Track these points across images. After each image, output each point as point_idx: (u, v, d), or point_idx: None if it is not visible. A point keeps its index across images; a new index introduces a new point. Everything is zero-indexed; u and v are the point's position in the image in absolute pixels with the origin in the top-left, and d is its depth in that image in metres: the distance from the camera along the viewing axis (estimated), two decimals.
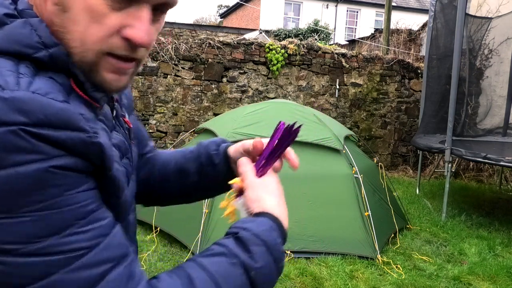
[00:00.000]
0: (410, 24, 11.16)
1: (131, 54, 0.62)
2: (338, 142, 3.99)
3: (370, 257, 3.55)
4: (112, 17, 0.59)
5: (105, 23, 0.59)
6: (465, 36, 5.73)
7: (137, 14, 0.60)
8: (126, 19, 0.60)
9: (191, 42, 6.65)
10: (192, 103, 6.69)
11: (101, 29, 0.59)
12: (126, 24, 0.60)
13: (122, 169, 0.70)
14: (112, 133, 0.72)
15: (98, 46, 0.60)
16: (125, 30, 0.60)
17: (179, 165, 0.95)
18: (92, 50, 0.60)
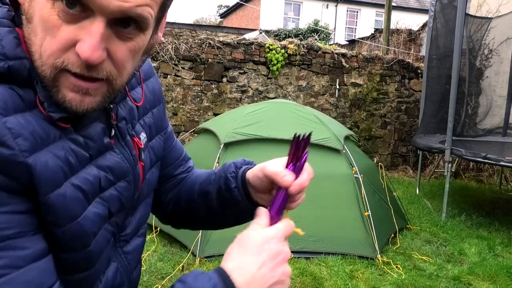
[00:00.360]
0: (410, 24, 11.16)
1: (87, 72, 0.57)
2: (338, 142, 3.99)
3: (370, 257, 3.55)
4: (65, 30, 0.55)
5: (57, 36, 0.55)
6: (465, 36, 5.73)
7: (88, 27, 0.55)
8: (78, 32, 0.55)
9: (191, 42, 6.66)
10: (192, 103, 6.69)
11: (54, 42, 0.55)
12: (78, 38, 0.55)
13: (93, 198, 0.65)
14: (105, 154, 0.68)
15: (52, 60, 0.56)
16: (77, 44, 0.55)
17: (203, 186, 0.90)
18: (48, 65, 0.56)
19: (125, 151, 0.73)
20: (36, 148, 0.56)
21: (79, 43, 0.55)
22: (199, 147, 4.40)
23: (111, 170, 0.68)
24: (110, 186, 0.68)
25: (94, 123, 0.67)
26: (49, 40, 0.55)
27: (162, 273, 3.20)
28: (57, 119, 0.59)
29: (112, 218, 0.70)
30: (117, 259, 0.75)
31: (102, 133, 0.68)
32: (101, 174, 0.66)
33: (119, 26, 0.57)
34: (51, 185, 0.57)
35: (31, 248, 0.54)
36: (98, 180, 0.65)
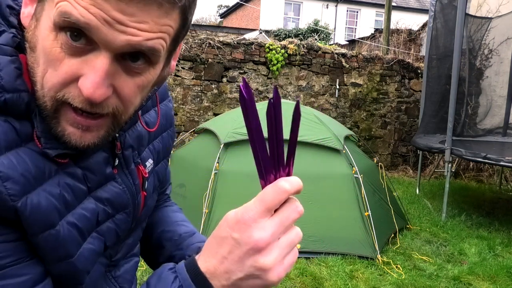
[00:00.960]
0: (410, 24, 11.16)
1: (90, 108, 0.53)
2: (338, 142, 3.99)
3: (370, 257, 3.55)
4: (68, 63, 0.51)
5: (59, 69, 0.52)
6: (465, 36, 5.73)
7: (92, 63, 0.51)
8: (82, 66, 0.51)
9: (191, 42, 6.66)
10: (192, 103, 6.69)
11: (56, 75, 0.52)
12: (81, 72, 0.51)
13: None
14: (106, 185, 0.64)
15: (52, 93, 0.53)
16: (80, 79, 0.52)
17: (161, 238, 0.88)
18: (49, 97, 0.53)
19: (128, 180, 0.69)
20: (28, 189, 0.53)
21: (82, 79, 0.51)
22: (199, 147, 4.40)
23: (110, 202, 0.65)
24: (107, 219, 0.65)
25: (98, 153, 0.63)
26: (51, 72, 0.52)
27: None
28: (54, 155, 0.56)
29: (107, 251, 0.67)
30: (108, 285, 0.72)
31: (104, 163, 0.64)
32: (99, 207, 0.63)
33: (127, 60, 0.53)
34: (42, 226, 0.55)
35: (29, 274, 0.54)
36: (96, 215, 0.62)
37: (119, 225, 0.67)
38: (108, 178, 0.65)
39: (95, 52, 0.51)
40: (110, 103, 0.54)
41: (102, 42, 0.50)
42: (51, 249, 0.56)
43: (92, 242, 0.62)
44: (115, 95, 0.54)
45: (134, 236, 0.79)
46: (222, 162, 3.75)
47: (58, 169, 0.57)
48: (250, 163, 3.26)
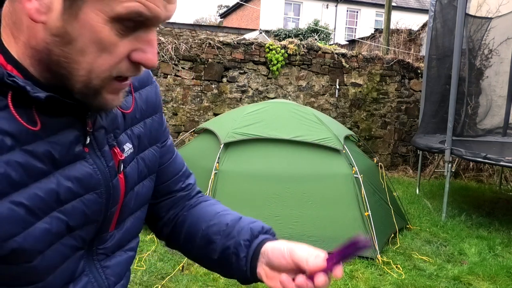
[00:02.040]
0: (410, 24, 11.16)
1: (136, 74, 0.63)
2: (338, 142, 3.99)
3: (370, 257, 3.55)
4: (122, 44, 0.58)
5: (115, 52, 0.58)
6: (465, 36, 5.73)
7: (146, 38, 0.60)
8: (136, 43, 0.60)
9: (191, 42, 6.66)
10: (192, 103, 6.69)
11: (111, 57, 0.59)
12: (136, 48, 0.60)
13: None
14: (75, 164, 0.65)
15: (107, 73, 0.59)
16: (135, 54, 0.60)
17: (210, 232, 0.85)
18: (100, 77, 0.59)
19: (100, 161, 0.69)
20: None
21: (140, 53, 0.60)
22: (199, 147, 4.40)
23: (79, 181, 0.65)
24: (74, 199, 0.65)
25: (67, 130, 0.64)
26: (106, 56, 0.58)
27: (162, 273, 3.20)
28: (45, 99, 0.57)
29: (74, 231, 0.66)
30: (92, 273, 0.72)
31: (75, 141, 0.65)
32: (63, 186, 0.63)
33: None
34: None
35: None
36: (55, 194, 0.62)
37: (88, 206, 0.67)
38: (78, 156, 0.65)
39: (143, 29, 0.59)
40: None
41: (156, 23, 0.60)
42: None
43: (49, 222, 0.61)
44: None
45: (128, 225, 0.78)
46: (222, 162, 3.75)
47: (14, 145, 0.57)
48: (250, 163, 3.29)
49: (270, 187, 3.67)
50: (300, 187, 3.72)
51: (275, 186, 3.68)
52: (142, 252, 3.54)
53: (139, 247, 3.61)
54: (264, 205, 3.63)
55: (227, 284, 3.07)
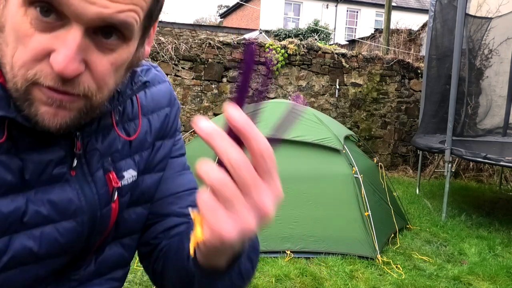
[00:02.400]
0: (410, 24, 11.17)
1: (61, 86, 0.51)
2: (338, 142, 3.99)
3: (370, 257, 3.55)
4: (38, 39, 0.50)
5: (29, 45, 0.50)
6: (465, 36, 5.73)
7: (63, 37, 0.50)
8: (53, 42, 0.50)
9: (191, 42, 6.66)
10: (192, 103, 6.70)
11: (26, 52, 0.50)
12: (52, 48, 0.50)
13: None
14: (53, 186, 0.59)
15: (23, 71, 0.51)
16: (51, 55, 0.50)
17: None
18: (19, 76, 0.51)
19: (89, 187, 0.62)
20: None
21: (53, 54, 0.50)
22: (199, 147, 4.39)
23: (54, 205, 0.59)
24: (44, 224, 0.58)
25: (47, 149, 0.58)
26: (21, 49, 0.50)
27: None
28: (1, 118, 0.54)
29: (43, 260, 0.60)
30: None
31: (57, 162, 0.59)
32: (31, 208, 0.57)
33: (99, 36, 0.52)
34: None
35: None
36: (20, 214, 0.56)
37: (62, 234, 0.60)
38: (58, 178, 0.59)
39: (66, 27, 0.50)
40: (82, 81, 0.52)
41: (73, 15, 0.48)
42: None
43: (7, 243, 0.56)
44: (87, 73, 0.52)
45: (110, 253, 0.70)
46: None
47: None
48: None
49: None
50: (300, 187, 3.72)
51: None
52: None
53: None
54: None
55: None
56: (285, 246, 3.54)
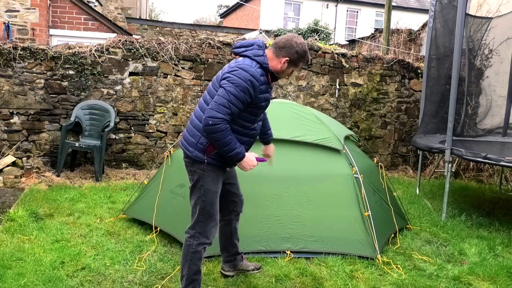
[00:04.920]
0: (410, 24, 11.17)
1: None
2: (338, 142, 3.99)
3: (370, 257, 3.55)
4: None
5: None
6: (465, 36, 5.73)
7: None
8: None
9: (191, 42, 6.65)
10: (192, 103, 6.69)
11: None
12: None
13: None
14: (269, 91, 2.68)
15: (283, 75, 2.79)
16: None
17: (265, 127, 3.00)
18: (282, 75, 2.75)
19: (270, 94, 2.68)
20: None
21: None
22: None
23: (267, 97, 2.69)
24: (267, 100, 2.72)
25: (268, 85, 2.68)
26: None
27: (162, 273, 3.20)
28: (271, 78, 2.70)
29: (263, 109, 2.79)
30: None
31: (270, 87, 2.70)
32: (268, 96, 2.68)
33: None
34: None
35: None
36: (268, 98, 2.66)
37: (267, 101, 2.76)
38: (269, 90, 2.70)
39: None
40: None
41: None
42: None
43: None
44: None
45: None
46: None
47: (266, 83, 2.67)
48: None
49: (270, 187, 3.67)
50: (300, 187, 3.72)
51: (275, 186, 3.68)
52: (142, 252, 3.54)
53: (139, 247, 3.61)
54: (264, 205, 3.63)
55: (226, 284, 3.07)
56: (285, 246, 3.54)
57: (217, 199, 2.69)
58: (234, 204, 3.00)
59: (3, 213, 4.23)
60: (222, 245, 3.14)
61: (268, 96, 2.62)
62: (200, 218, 2.66)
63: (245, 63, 2.51)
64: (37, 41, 8.92)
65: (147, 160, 6.61)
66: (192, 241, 2.67)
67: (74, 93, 6.20)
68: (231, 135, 2.46)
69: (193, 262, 2.65)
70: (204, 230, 2.67)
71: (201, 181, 2.63)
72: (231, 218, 3.02)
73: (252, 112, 2.58)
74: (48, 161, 6.17)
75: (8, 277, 2.96)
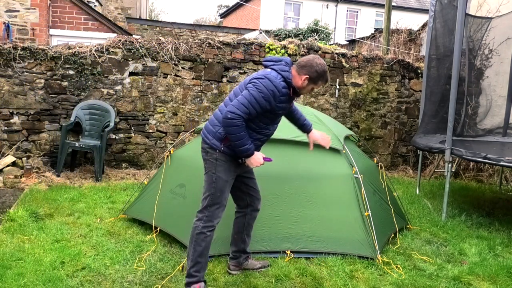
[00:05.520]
0: (410, 24, 11.16)
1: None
2: (338, 142, 3.99)
3: (370, 257, 3.55)
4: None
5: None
6: (465, 36, 5.73)
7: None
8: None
9: (191, 42, 6.65)
10: (192, 103, 6.69)
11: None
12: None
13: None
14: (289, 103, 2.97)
15: (305, 92, 3.02)
16: None
17: (299, 120, 3.25)
18: (305, 92, 3.00)
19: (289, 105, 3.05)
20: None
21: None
22: (199, 147, 4.39)
23: (286, 107, 2.96)
24: (287, 110, 3.06)
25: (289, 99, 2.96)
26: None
27: (162, 273, 3.20)
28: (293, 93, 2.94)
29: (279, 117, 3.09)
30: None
31: (290, 98, 2.94)
32: (287, 106, 2.98)
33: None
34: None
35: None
36: (287, 107, 3.00)
37: (284, 110, 3.03)
38: (290, 102, 3.02)
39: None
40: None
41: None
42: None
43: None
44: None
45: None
46: None
47: (287, 95, 2.94)
48: None
49: (270, 187, 3.67)
50: (300, 187, 3.72)
51: (275, 186, 3.68)
52: (142, 252, 3.54)
53: (139, 247, 3.61)
54: (264, 205, 3.62)
55: (227, 284, 3.07)
56: (285, 246, 3.54)
57: (227, 188, 2.91)
58: (250, 198, 3.17)
59: (3, 213, 4.23)
60: (233, 239, 3.26)
61: (286, 106, 2.92)
62: (209, 202, 2.88)
63: (272, 74, 2.80)
64: (37, 41, 8.92)
65: (147, 160, 6.61)
66: (199, 224, 2.87)
67: (74, 93, 6.20)
68: (245, 132, 2.73)
69: (197, 243, 2.85)
70: (211, 214, 2.87)
71: (214, 169, 2.88)
72: (246, 212, 3.19)
73: (269, 117, 2.87)
74: (48, 161, 6.17)
75: (8, 277, 2.96)
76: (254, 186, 3.18)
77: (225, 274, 3.21)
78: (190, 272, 2.87)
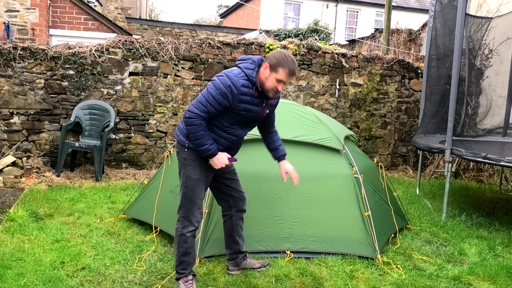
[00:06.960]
0: (410, 24, 11.16)
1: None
2: (338, 142, 3.99)
3: (370, 257, 3.55)
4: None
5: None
6: (465, 36, 5.73)
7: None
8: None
9: (191, 42, 6.65)
10: None
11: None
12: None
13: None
14: (260, 105, 2.86)
15: (272, 93, 2.83)
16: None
17: (275, 142, 3.21)
18: (270, 92, 2.81)
19: (261, 108, 2.88)
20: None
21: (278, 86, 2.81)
22: None
23: (258, 110, 2.89)
24: (259, 112, 2.97)
25: (261, 98, 2.89)
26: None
27: (162, 273, 3.20)
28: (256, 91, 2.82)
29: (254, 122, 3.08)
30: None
31: (261, 101, 2.86)
32: (256, 109, 2.88)
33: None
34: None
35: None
36: (260, 112, 2.94)
37: (258, 115, 2.93)
38: (261, 104, 2.90)
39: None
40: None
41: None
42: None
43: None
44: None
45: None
46: None
47: (250, 94, 2.83)
48: (250, 163, 3.28)
49: (270, 187, 3.67)
50: (300, 187, 3.71)
51: (275, 186, 3.68)
52: (142, 252, 3.54)
53: (139, 247, 3.61)
54: (264, 205, 3.63)
55: (227, 284, 3.07)
56: (285, 246, 3.54)
57: (198, 187, 2.89)
58: (233, 199, 3.15)
59: (3, 213, 4.23)
60: (225, 242, 3.27)
61: (253, 108, 2.80)
62: (183, 203, 2.90)
63: (233, 72, 2.77)
64: (37, 41, 8.92)
65: (147, 160, 6.61)
66: (178, 225, 2.90)
67: (74, 93, 6.20)
68: (204, 132, 2.72)
69: (180, 244, 2.88)
70: (187, 214, 2.88)
71: (183, 169, 2.90)
72: (232, 214, 3.17)
73: (232, 116, 2.79)
74: (48, 161, 6.17)
75: (8, 277, 2.96)
76: (236, 187, 3.14)
77: (225, 274, 3.21)
78: (177, 270, 2.93)
